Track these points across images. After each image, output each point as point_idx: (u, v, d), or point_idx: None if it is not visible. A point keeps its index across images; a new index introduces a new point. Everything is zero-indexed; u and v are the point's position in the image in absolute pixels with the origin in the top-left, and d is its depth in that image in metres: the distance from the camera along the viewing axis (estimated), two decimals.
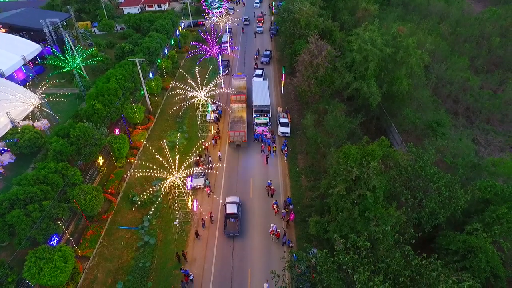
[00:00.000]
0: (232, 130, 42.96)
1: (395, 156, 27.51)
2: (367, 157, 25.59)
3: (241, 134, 42.84)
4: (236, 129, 43.02)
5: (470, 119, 49.42)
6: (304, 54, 46.79)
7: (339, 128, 37.56)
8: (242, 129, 43.00)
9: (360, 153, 26.28)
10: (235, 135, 43.01)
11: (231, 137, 43.34)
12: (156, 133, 49.62)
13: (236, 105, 48.02)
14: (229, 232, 32.73)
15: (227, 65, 63.39)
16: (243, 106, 47.90)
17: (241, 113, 46.24)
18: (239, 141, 43.61)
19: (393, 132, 44.85)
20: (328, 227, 28.84)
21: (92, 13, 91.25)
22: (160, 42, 65.90)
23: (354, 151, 26.01)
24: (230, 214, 33.77)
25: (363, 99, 43.05)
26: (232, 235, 32.95)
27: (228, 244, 32.73)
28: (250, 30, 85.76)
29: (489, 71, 60.39)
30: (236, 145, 44.18)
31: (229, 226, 33.13)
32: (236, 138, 43.34)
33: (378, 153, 25.65)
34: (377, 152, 25.57)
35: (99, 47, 71.43)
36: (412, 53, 39.71)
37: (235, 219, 33.49)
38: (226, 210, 34.34)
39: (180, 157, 33.71)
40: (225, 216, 34.01)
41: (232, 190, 38.49)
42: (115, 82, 48.04)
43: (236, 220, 33.47)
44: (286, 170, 40.88)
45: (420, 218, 26.23)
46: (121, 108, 47.23)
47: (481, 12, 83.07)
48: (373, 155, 25.53)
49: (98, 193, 33.33)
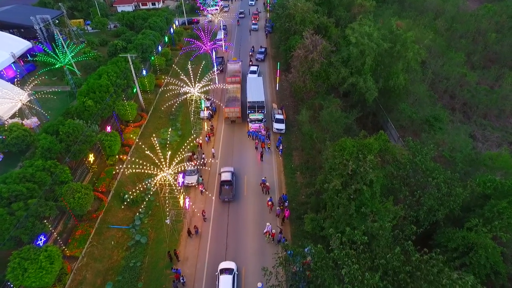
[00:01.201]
0: (227, 107, 46.57)
1: (393, 151, 26.76)
2: (363, 150, 24.82)
3: (236, 110, 46.47)
4: (231, 106, 46.59)
5: (467, 115, 48.95)
6: (299, 49, 46.03)
7: (334, 124, 36.83)
8: (236, 106, 46.71)
9: (356, 146, 25.51)
10: (230, 111, 46.56)
11: (226, 113, 46.80)
12: (149, 131, 48.61)
13: (231, 86, 51.30)
14: (224, 197, 34.95)
15: (222, 62, 62.49)
16: (238, 86, 51.40)
17: (236, 93, 49.63)
18: (234, 117, 47.22)
19: (390, 128, 44.19)
20: (324, 224, 28.05)
21: (85, 11, 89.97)
22: (153, 39, 64.85)
23: (350, 144, 25.25)
24: (225, 181, 35.74)
25: (359, 95, 42.40)
26: (227, 200, 35.18)
27: (222, 243, 31.86)
28: (246, 23, 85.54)
29: (485, 67, 60.12)
30: (231, 121, 47.66)
31: (224, 192, 35.18)
32: (231, 114, 46.88)
33: (375, 146, 24.89)
34: (374, 146, 24.81)
35: (92, 45, 70.27)
36: (410, 47, 39.05)
37: (229, 186, 35.48)
38: (221, 178, 36.34)
39: (172, 154, 32.86)
40: (220, 183, 36.05)
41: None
42: (107, 79, 47.01)
43: (230, 187, 35.42)
44: (281, 167, 40.07)
45: (418, 215, 25.50)
46: (113, 105, 46.22)
47: (476, 8, 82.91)
48: (370, 148, 24.76)
49: (88, 191, 32.31)
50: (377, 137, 27.40)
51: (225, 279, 27.17)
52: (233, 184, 35.74)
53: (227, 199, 35.10)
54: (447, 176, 27.14)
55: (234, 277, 27.59)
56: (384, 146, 26.79)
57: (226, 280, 27.09)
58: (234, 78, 53.34)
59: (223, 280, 27.10)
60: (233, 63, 58.35)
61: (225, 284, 26.83)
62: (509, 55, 60.68)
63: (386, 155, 27.06)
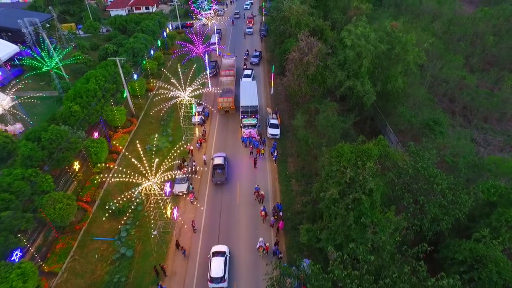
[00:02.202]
0: (221, 97, 48.31)
1: (393, 157, 25.07)
2: (362, 156, 23.16)
3: (229, 100, 48.13)
4: (225, 96, 48.42)
5: (468, 118, 47.58)
6: (294, 52, 44.57)
7: (331, 128, 35.21)
8: (230, 96, 48.49)
9: (354, 152, 23.84)
10: (224, 101, 48.14)
11: (220, 103, 48.36)
12: (139, 137, 46.78)
13: (225, 78, 53.55)
14: (217, 180, 36.60)
15: (215, 66, 60.93)
16: (232, 79, 53.42)
17: (229, 85, 51.75)
18: (228, 107, 48.75)
19: (388, 132, 42.67)
20: (320, 235, 26.24)
21: (77, 15, 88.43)
22: (145, 43, 63.33)
23: (348, 150, 23.57)
24: (218, 165, 37.54)
25: (356, 98, 40.90)
26: (219, 182, 36.67)
27: None
28: (240, 25, 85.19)
29: (484, 70, 59.06)
30: (225, 111, 49.32)
31: (217, 175, 36.91)
32: (224, 104, 48.42)
33: (374, 152, 23.23)
34: (373, 152, 23.15)
35: (83, 49, 68.59)
36: (410, 50, 37.65)
37: (221, 170, 37.23)
38: (213, 162, 38.00)
39: (159, 161, 31.04)
40: (213, 167, 37.61)
41: (217, 198, 35.77)
42: (95, 83, 45.29)
43: (222, 170, 37.23)
44: (276, 174, 38.31)
45: (422, 225, 23.79)
46: (101, 111, 44.44)
47: (473, 12, 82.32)
48: (369, 154, 23.10)
49: (70, 202, 30.43)
50: (376, 142, 25.74)
51: (217, 260, 27.52)
52: (225, 168, 37.46)
53: (219, 182, 36.66)
54: (450, 182, 25.55)
55: (226, 259, 27.90)
56: (384, 152, 25.12)
57: (218, 261, 27.44)
58: (228, 71, 55.29)
59: (215, 262, 27.39)
60: (228, 58, 60.52)
61: (217, 265, 27.13)
62: (507, 58, 59.67)
63: (386, 161, 25.38)
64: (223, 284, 26.73)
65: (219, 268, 26.95)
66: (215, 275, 26.66)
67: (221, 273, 26.76)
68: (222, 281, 26.63)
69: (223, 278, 26.69)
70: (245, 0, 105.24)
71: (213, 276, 26.66)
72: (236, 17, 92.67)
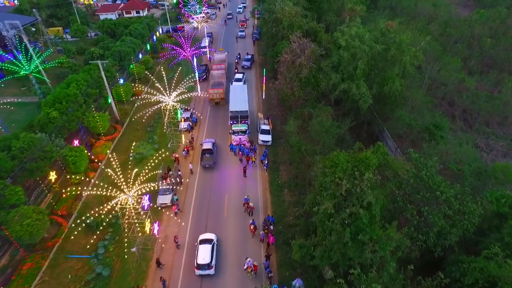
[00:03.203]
0: (212, 88, 49.47)
1: (394, 166, 22.70)
2: (359, 166, 20.80)
3: (219, 91, 49.24)
4: (215, 87, 49.54)
5: (468, 122, 45.57)
6: (286, 54, 42.40)
7: (325, 134, 32.90)
8: (221, 87, 49.61)
9: (351, 161, 21.48)
10: (214, 92, 49.23)
11: (211, 94, 49.25)
12: (123, 144, 44.25)
13: (216, 72, 54.72)
14: (205, 163, 37.62)
15: (205, 70, 58.65)
16: (223, 72, 54.94)
17: (220, 78, 52.83)
18: (218, 99, 49.70)
19: (386, 138, 40.46)
20: (314, 253, 23.73)
21: (65, 19, 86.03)
22: (133, 47, 61.09)
23: (344, 159, 21.19)
24: (206, 149, 38.55)
25: (352, 102, 38.73)
26: (207, 166, 37.76)
27: (197, 279, 27.13)
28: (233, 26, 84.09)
29: (482, 72, 57.24)
30: (216, 103, 50.16)
31: (205, 159, 37.76)
32: (215, 96, 49.46)
33: (373, 161, 20.90)
34: (372, 161, 20.82)
35: (68, 53, 66.11)
36: (406, 50, 35.63)
37: (210, 154, 38.12)
38: (202, 147, 39.15)
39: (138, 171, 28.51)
40: (202, 152, 38.51)
41: (203, 210, 33.18)
42: (76, 88, 42.79)
43: (211, 155, 38.16)
44: (267, 184, 35.82)
45: (427, 239, 21.39)
46: (82, 117, 41.87)
47: (468, 14, 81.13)
48: (367, 164, 20.75)
49: (41, 216, 27.78)
50: (374, 149, 23.37)
51: (204, 247, 27.38)
52: (213, 152, 38.61)
53: (207, 165, 37.70)
54: (456, 191, 23.23)
55: (213, 246, 27.77)
56: (384, 161, 22.77)
57: (205, 248, 27.29)
58: (219, 65, 56.80)
59: (202, 249, 27.26)
60: (220, 53, 61.80)
61: (204, 252, 26.97)
62: (506, 60, 57.97)
63: (386, 170, 23.03)
64: (210, 271, 26.54)
65: (206, 255, 26.85)
66: (201, 262, 26.53)
67: (208, 259, 26.65)
68: (209, 268, 26.52)
69: (210, 264, 26.58)
70: (238, 4, 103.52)
71: (199, 263, 26.51)
72: (229, 17, 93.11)
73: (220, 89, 49.20)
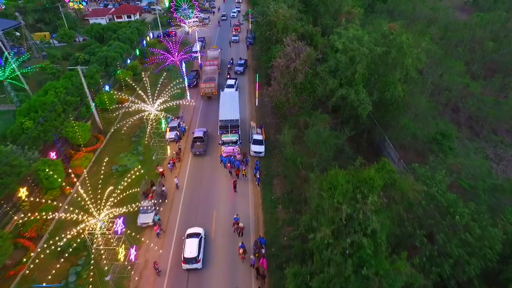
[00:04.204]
0: (204, 83, 50.01)
1: (402, 187, 19.67)
2: (362, 187, 17.80)
3: (211, 85, 49.62)
4: (207, 82, 50.06)
5: (474, 130, 42.86)
6: (280, 58, 39.58)
7: (323, 145, 29.95)
8: (212, 82, 50.07)
9: (351, 181, 18.48)
10: (206, 86, 49.62)
11: (202, 89, 49.78)
12: (106, 155, 41.00)
13: (208, 68, 55.13)
14: (196, 151, 38.07)
15: (196, 76, 55.77)
16: (215, 68, 55.34)
17: (212, 74, 53.29)
18: (210, 93, 50.05)
19: (388, 148, 37.59)
20: (311, 283, 20.60)
21: (52, 23, 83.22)
22: (120, 52, 58.20)
23: (343, 179, 18.18)
24: (198, 137, 38.96)
25: (350, 109, 35.88)
26: (198, 153, 38.25)
27: None
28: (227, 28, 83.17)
29: (486, 77, 54.75)
30: (208, 97, 50.65)
31: (196, 147, 38.27)
32: (207, 90, 49.78)
33: (378, 182, 17.92)
34: (376, 181, 17.83)
35: (53, 59, 63.11)
36: (407, 52, 32.92)
37: (201, 142, 38.63)
38: (194, 135, 39.55)
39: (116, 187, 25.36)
40: (193, 140, 39.02)
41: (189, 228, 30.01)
42: (54, 96, 39.79)
43: (202, 143, 38.62)
44: (259, 199, 32.74)
45: (442, 272, 18.34)
46: (60, 127, 38.78)
47: (468, 17, 79.21)
48: (371, 185, 17.77)
49: (1, 242, 24.53)
50: (379, 166, 20.35)
51: (191, 241, 26.87)
52: (204, 140, 38.88)
53: (198, 153, 38.14)
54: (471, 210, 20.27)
55: (200, 240, 27.27)
56: (390, 180, 19.78)
57: (192, 242, 26.80)
58: (212, 61, 57.32)
59: (189, 242, 26.75)
60: (213, 50, 62.26)
61: (191, 246, 26.46)
62: (511, 64, 55.54)
63: (392, 191, 20.02)
64: (197, 265, 26.05)
65: (193, 249, 26.31)
66: (188, 256, 25.98)
67: (195, 253, 26.09)
68: (196, 261, 25.98)
69: (197, 258, 26.03)
70: (232, 8, 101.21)
71: (186, 257, 25.96)
72: (223, 19, 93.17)
73: (212, 83, 49.57)
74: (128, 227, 29.83)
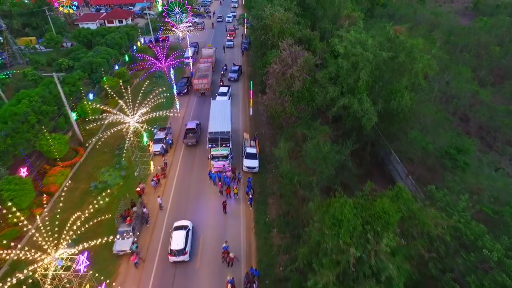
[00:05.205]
0: (197, 79, 49.99)
1: (423, 220, 16.10)
2: (374, 224, 14.30)
3: (204, 81, 49.75)
4: (200, 78, 50.17)
5: (486, 141, 39.55)
6: (275, 64, 36.30)
7: (323, 162, 26.49)
8: (206, 78, 50.18)
9: (359, 214, 14.97)
10: (200, 82, 49.78)
11: (196, 85, 49.96)
12: (86, 170, 37.66)
13: (202, 65, 55.27)
14: (188, 141, 38.79)
15: (187, 83, 52.38)
16: (209, 66, 55.24)
17: (207, 71, 53.40)
18: (204, 89, 50.42)
19: (394, 162, 34.22)
20: None
21: (40, 28, 79.91)
22: (107, 57, 54.85)
23: (350, 212, 14.63)
24: (190, 129, 39.70)
25: (353, 120, 32.55)
26: (190, 144, 38.90)
27: None
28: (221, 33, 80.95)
29: (494, 84, 51.69)
30: (201, 94, 51.06)
31: (188, 137, 38.90)
32: (200, 86, 50.03)
33: (394, 217, 14.41)
34: (393, 217, 14.31)
35: (36, 64, 59.68)
36: (418, 58, 29.68)
37: (193, 134, 39.30)
38: (187, 126, 40.28)
39: (91, 209, 21.74)
40: (185, 131, 39.71)
41: (168, 267, 26.22)
42: (27, 105, 36.24)
43: (194, 134, 39.30)
44: (252, 222, 29.13)
45: None
46: (33, 139, 35.22)
47: (471, 22, 76.64)
48: (386, 220, 14.27)
49: None
50: (393, 195, 16.78)
51: (178, 233, 26.40)
52: (197, 132, 39.61)
53: (190, 144, 38.78)
54: (505, 244, 16.85)
55: (187, 232, 26.77)
56: (408, 213, 16.23)
57: (179, 234, 26.30)
58: (206, 59, 57.20)
59: (176, 235, 26.24)
60: (208, 49, 61.66)
61: (178, 238, 25.96)
62: None
63: (411, 225, 16.43)
64: (184, 257, 25.51)
65: (180, 241, 25.74)
66: (175, 248, 25.41)
67: (181, 245, 25.53)
68: (183, 253, 25.42)
69: (184, 250, 25.44)
70: (228, 12, 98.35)
71: (173, 249, 25.38)
72: (219, 20, 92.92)
73: (205, 79, 49.70)
74: (100, 256, 26.33)
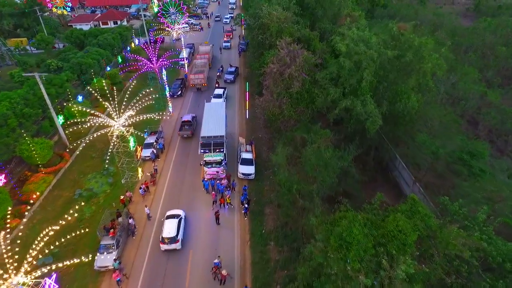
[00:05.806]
0: (193, 74, 50.22)
1: (445, 238, 13.71)
2: (389, 245, 11.99)
3: (200, 77, 49.78)
4: (196, 73, 50.23)
5: (497, 146, 37.35)
6: (273, 64, 34.11)
7: (324, 169, 24.19)
8: (201, 73, 50.19)
9: (369, 233, 12.64)
10: (196, 78, 49.85)
11: (192, 80, 50.04)
12: (71, 177, 35.37)
13: (199, 61, 55.09)
14: (183, 133, 39.07)
15: (181, 86, 50.17)
16: (205, 62, 54.96)
17: (202, 67, 53.15)
18: (199, 84, 50.36)
19: (399, 168, 32.00)
20: None
21: (32, 29, 77.76)
22: (97, 58, 52.70)
23: (359, 232, 12.27)
24: (186, 121, 39.83)
25: (356, 123, 30.34)
26: (185, 136, 39.16)
27: None
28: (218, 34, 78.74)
29: (502, 85, 49.58)
30: (197, 89, 51.21)
31: (184, 130, 39.17)
32: (196, 81, 49.98)
33: (411, 237, 12.10)
34: (410, 237, 12.01)
35: (25, 66, 57.42)
36: (426, 57, 27.51)
37: (189, 126, 39.51)
38: (182, 119, 40.34)
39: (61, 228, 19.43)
40: (181, 123, 39.83)
41: (158, 277, 23.90)
42: (8, 107, 33.94)
43: (190, 127, 39.54)
44: (247, 234, 26.76)
45: None
46: (13, 144, 32.91)
47: (475, 22, 74.89)
48: (401, 241, 11.95)
49: None
50: (407, 209, 14.44)
51: (170, 221, 26.23)
52: (192, 125, 39.85)
53: (185, 136, 39.10)
54: None
55: (180, 221, 26.50)
56: (426, 231, 13.88)
57: (171, 222, 26.13)
58: (203, 55, 57.29)
59: (168, 223, 26.06)
60: (205, 46, 62.10)
61: (170, 226, 25.77)
62: None
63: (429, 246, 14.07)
64: (176, 245, 25.23)
65: (172, 229, 25.51)
66: (166, 235, 25.18)
67: (173, 233, 25.28)
68: (175, 241, 25.14)
69: (176, 238, 25.17)
70: (225, 14, 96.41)
71: (164, 236, 25.15)
72: (217, 19, 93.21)
73: (201, 74, 49.74)
74: (79, 272, 23.97)
